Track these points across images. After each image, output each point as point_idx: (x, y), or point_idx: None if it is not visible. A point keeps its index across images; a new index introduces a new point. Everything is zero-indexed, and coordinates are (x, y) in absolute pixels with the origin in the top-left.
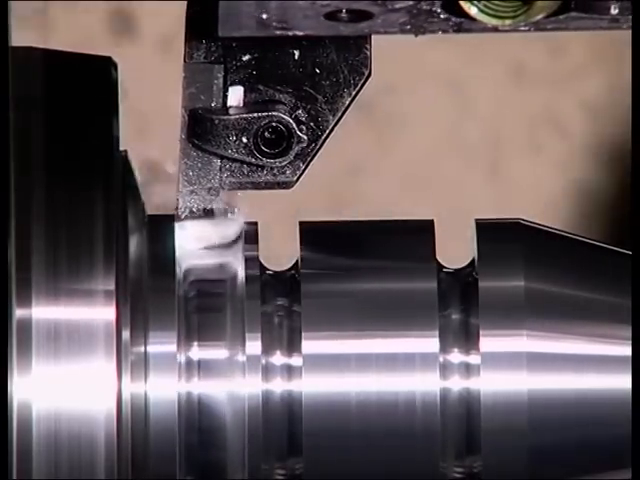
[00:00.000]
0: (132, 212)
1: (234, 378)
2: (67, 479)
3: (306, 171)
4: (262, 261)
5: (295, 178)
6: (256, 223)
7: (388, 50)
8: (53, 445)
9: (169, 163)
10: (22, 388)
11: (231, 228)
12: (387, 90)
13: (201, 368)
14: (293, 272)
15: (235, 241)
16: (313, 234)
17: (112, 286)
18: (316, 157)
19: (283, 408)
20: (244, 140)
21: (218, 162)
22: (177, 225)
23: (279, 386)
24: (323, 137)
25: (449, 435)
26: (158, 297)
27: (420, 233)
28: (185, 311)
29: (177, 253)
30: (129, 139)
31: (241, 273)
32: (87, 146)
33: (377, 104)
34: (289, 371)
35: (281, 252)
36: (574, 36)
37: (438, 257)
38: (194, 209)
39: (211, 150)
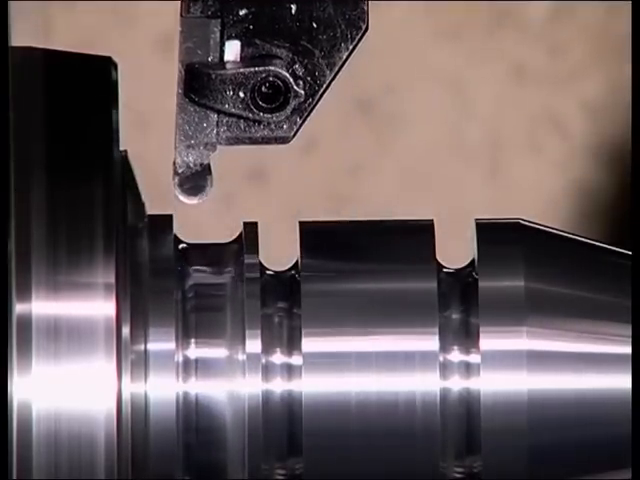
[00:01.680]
0: (132, 211)
1: (234, 378)
2: (67, 479)
3: (302, 127)
4: (262, 261)
5: (292, 133)
6: (256, 223)
7: (388, 49)
8: (53, 445)
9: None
10: (22, 388)
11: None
12: (387, 90)
13: (201, 368)
14: (293, 272)
15: (235, 240)
16: (313, 234)
17: (112, 279)
18: (312, 113)
19: (283, 408)
20: (241, 95)
21: (215, 117)
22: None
23: (279, 386)
24: (320, 92)
25: (449, 435)
26: (158, 297)
27: (420, 233)
28: (185, 310)
29: (177, 253)
30: (128, 139)
31: (241, 273)
32: (87, 146)
33: (377, 104)
34: (289, 370)
35: (281, 252)
36: (574, 36)
37: (438, 257)
38: (191, 164)
39: (208, 105)
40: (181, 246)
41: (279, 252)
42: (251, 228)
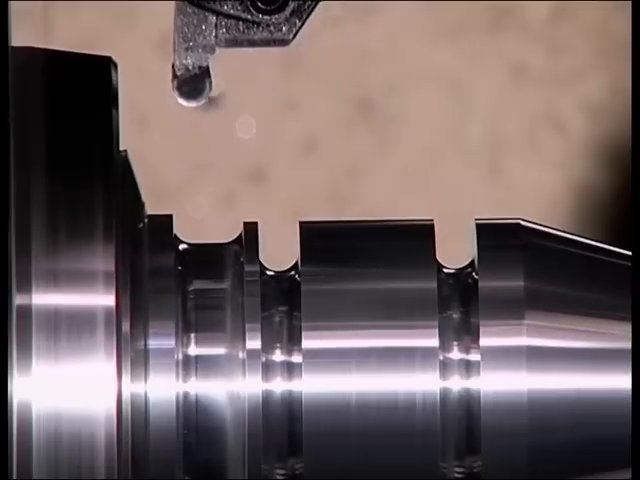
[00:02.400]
0: (132, 211)
1: (234, 377)
2: (67, 479)
3: (302, 29)
4: (262, 261)
5: (291, 36)
6: (256, 223)
7: (388, 49)
8: (53, 445)
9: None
10: (22, 388)
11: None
12: (387, 90)
13: (201, 366)
14: (293, 272)
15: (235, 240)
16: (313, 234)
17: (112, 267)
18: (312, 15)
19: (283, 408)
20: None
21: (214, 19)
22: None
23: (279, 385)
24: None
25: (449, 435)
26: (158, 296)
27: (420, 233)
28: (185, 309)
29: (177, 253)
30: (128, 139)
31: (241, 273)
32: (87, 145)
33: (377, 104)
34: (289, 370)
35: (281, 252)
36: (574, 36)
37: (438, 257)
38: (190, 67)
39: (206, 6)
40: (181, 246)
41: (279, 252)
42: (251, 228)
